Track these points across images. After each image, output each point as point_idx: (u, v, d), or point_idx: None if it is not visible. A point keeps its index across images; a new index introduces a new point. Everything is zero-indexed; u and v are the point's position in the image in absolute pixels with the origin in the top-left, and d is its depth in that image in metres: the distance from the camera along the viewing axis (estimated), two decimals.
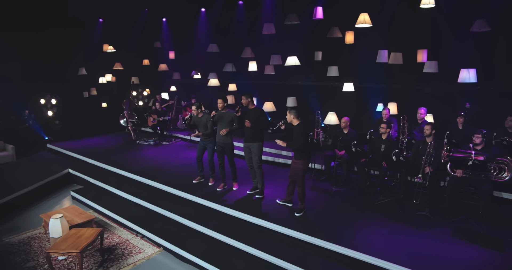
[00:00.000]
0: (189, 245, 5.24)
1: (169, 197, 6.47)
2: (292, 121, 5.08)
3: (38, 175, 7.86)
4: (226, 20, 9.84)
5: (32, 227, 6.19)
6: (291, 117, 5.09)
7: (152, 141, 9.89)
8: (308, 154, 5.18)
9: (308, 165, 5.28)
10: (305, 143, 5.00)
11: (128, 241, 5.75)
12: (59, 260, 5.10)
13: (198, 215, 5.78)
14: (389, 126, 6.10)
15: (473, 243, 4.42)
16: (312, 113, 8.71)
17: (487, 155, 4.98)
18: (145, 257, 5.29)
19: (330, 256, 4.48)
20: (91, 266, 4.99)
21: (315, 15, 7.62)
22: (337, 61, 8.04)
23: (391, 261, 4.05)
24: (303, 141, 4.96)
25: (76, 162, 8.73)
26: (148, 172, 7.30)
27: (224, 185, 6.30)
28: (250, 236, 5.08)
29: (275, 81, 9.77)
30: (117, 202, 6.83)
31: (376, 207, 5.48)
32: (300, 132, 4.99)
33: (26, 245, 5.60)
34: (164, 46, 11.24)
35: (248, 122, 5.65)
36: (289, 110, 5.12)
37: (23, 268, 4.99)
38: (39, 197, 7.39)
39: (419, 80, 7.41)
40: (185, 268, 5.05)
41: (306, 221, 5.11)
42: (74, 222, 5.48)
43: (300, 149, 5.02)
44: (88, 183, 7.73)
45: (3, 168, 8.74)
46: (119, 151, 9.21)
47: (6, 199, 6.83)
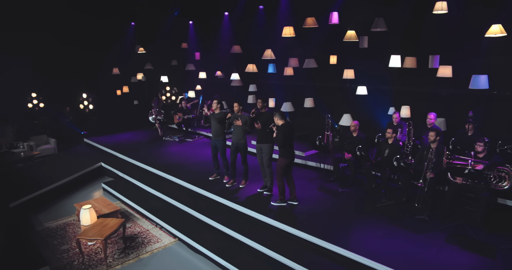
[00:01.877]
0: (201, 237, 5.77)
1: (186, 192, 7.04)
2: (277, 122, 5.68)
3: (75, 167, 8.77)
4: (247, 23, 10.22)
5: (67, 214, 7.03)
6: (276, 119, 5.69)
7: (177, 137, 10.56)
8: (290, 153, 5.75)
9: (288, 163, 5.78)
10: (284, 139, 5.61)
11: (148, 231, 6.40)
12: (89, 245, 5.82)
13: (211, 210, 6.29)
14: (395, 131, 6.24)
15: (465, 249, 4.56)
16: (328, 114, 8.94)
17: (487, 163, 5.05)
18: (161, 246, 5.90)
19: (326, 254, 4.81)
20: (114, 252, 5.67)
21: (330, 20, 7.80)
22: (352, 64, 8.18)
23: (381, 262, 4.31)
24: (282, 137, 5.62)
25: (108, 156, 9.58)
26: (170, 167, 7.92)
27: (233, 181, 6.76)
28: (255, 231, 5.51)
29: (294, 81, 10.03)
30: (141, 194, 7.52)
31: (377, 209, 5.70)
32: (280, 132, 5.64)
33: (62, 230, 6.41)
34: (190, 47, 11.82)
35: (259, 124, 6.06)
36: (274, 113, 5.76)
37: (59, 250, 5.77)
38: (74, 187, 8.28)
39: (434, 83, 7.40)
40: (196, 258, 5.60)
41: (307, 220, 5.44)
42: (101, 212, 6.19)
43: (280, 144, 5.65)
44: (117, 176, 8.52)
45: (46, 159, 9.78)
46: (146, 146, 9.95)
47: (47, 188, 7.76)
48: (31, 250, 5.26)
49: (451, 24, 6.79)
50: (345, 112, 7.82)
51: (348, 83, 8.80)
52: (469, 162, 4.87)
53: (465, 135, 6.29)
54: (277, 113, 5.77)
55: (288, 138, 5.69)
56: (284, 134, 5.62)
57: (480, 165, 5.08)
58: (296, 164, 8.02)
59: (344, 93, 8.99)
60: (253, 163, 7.09)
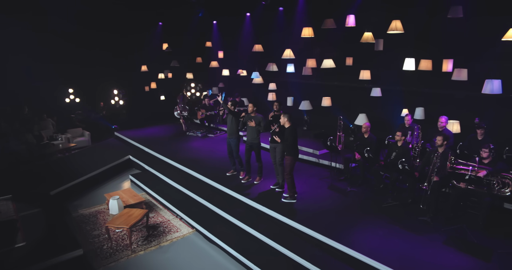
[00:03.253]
0: (216, 229, 6.29)
1: (205, 186, 7.57)
2: (285, 123, 5.96)
3: (106, 159, 9.56)
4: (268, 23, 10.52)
5: (99, 203, 7.79)
6: (284, 120, 5.96)
7: (199, 133, 11.13)
8: (296, 152, 6.10)
9: (296, 161, 6.13)
10: (293, 143, 5.96)
11: (169, 221, 7.01)
12: (116, 232, 6.50)
13: (227, 204, 6.78)
14: (405, 134, 6.41)
15: (461, 251, 4.76)
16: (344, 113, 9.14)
17: (490, 169, 5.17)
18: (180, 235, 6.48)
19: (327, 249, 5.17)
20: (138, 239, 6.32)
21: (347, 23, 7.96)
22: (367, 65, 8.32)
23: (377, 259, 4.62)
24: (291, 142, 5.95)
25: (136, 149, 10.31)
26: (192, 162, 8.47)
27: (248, 177, 7.20)
28: (265, 225, 5.94)
29: (312, 80, 10.27)
30: (164, 187, 8.15)
31: (382, 209, 5.95)
32: (290, 134, 5.95)
33: (93, 217, 7.16)
34: (214, 45, 12.28)
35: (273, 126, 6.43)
36: (283, 114, 6.01)
37: (91, 235, 6.50)
38: (105, 178, 9.07)
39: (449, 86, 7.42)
40: (211, 248, 6.13)
41: (314, 216, 5.78)
42: (128, 202, 6.85)
43: (290, 145, 6.01)
44: (144, 169, 9.21)
45: (81, 151, 10.67)
46: (170, 141, 10.59)
47: (82, 179, 8.58)
48: (67, 234, 5.98)
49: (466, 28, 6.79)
50: (360, 112, 8.02)
51: (366, 84, 8.94)
52: (470, 168, 5.00)
53: (475, 139, 6.36)
54: (287, 115, 6.06)
55: (296, 138, 6.06)
56: (293, 136, 5.96)
57: (484, 171, 5.21)
58: (309, 162, 8.40)
59: (361, 93, 9.13)
60: (268, 160, 7.48)
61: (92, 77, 11.95)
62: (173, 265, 5.63)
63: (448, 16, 6.75)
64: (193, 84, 14.30)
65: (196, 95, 14.05)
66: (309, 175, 7.57)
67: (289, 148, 6.08)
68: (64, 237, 5.78)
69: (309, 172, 7.74)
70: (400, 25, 7.48)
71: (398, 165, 5.67)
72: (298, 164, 8.19)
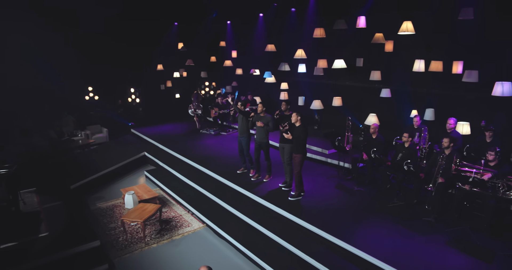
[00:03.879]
0: (225, 225, 6.55)
1: (216, 183, 7.83)
2: (297, 122, 6.16)
3: (122, 155, 9.96)
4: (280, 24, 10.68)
5: (115, 197, 8.17)
6: (297, 118, 6.14)
7: (213, 131, 11.40)
8: (305, 150, 6.36)
9: (304, 159, 6.37)
10: (304, 142, 6.25)
11: (181, 216, 7.31)
12: (131, 225, 6.85)
13: (236, 200, 7.02)
14: (413, 135, 6.48)
15: (462, 252, 4.85)
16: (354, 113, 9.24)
17: (495, 172, 5.21)
18: (191, 230, 6.77)
19: (331, 247, 5.34)
20: (152, 232, 6.65)
21: (358, 24, 8.04)
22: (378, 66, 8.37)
23: (377, 257, 4.76)
24: (302, 141, 6.20)
25: (151, 146, 10.68)
26: (204, 159, 8.75)
27: (258, 175, 7.42)
28: (271, 221, 6.16)
29: (324, 80, 10.37)
30: (177, 183, 8.46)
31: (388, 209, 6.06)
32: (300, 133, 6.17)
33: (110, 211, 7.53)
34: (228, 45, 12.52)
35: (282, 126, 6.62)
36: (297, 113, 6.19)
37: (108, 227, 6.87)
38: (122, 174, 9.47)
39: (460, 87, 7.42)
40: (220, 242, 6.40)
41: (319, 214, 5.94)
42: (142, 197, 7.19)
43: (300, 144, 6.23)
44: (158, 165, 9.56)
45: (99, 147, 11.13)
46: (184, 138, 10.91)
47: (100, 174, 8.99)
48: (86, 226, 6.35)
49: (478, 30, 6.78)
50: (371, 112, 8.10)
51: (377, 84, 9.00)
52: (474, 170, 5.07)
53: (484, 141, 6.37)
54: (299, 114, 6.25)
55: (307, 137, 6.28)
56: (304, 134, 6.19)
57: (488, 174, 5.26)
58: (318, 161, 8.54)
59: (371, 93, 9.19)
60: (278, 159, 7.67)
61: (111, 76, 12.38)
62: (184, 258, 5.92)
63: (459, 18, 6.76)
64: (207, 82, 14.57)
65: (210, 94, 14.33)
66: (318, 174, 7.72)
67: (299, 146, 6.26)
68: (83, 228, 6.15)
69: (317, 171, 7.89)
70: (411, 26, 7.51)
71: (404, 166, 5.77)
72: (308, 163, 8.40)
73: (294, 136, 6.24)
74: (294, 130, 6.27)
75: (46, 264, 5.27)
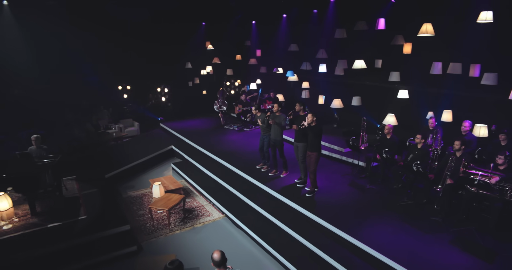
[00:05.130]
0: (243, 216, 7.06)
1: (236, 177, 8.34)
2: (313, 122, 6.49)
3: (151, 148, 10.71)
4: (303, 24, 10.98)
5: (144, 187, 8.91)
6: (313, 119, 6.44)
7: (236, 127, 11.93)
8: (320, 148, 6.69)
9: (319, 156, 6.70)
10: (319, 140, 6.64)
11: (203, 206, 7.91)
12: (158, 213, 7.52)
13: (254, 194, 7.50)
14: (425, 137, 6.65)
15: (465, 251, 5.05)
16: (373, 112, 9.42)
17: (503, 175, 5.34)
18: (212, 219, 7.35)
19: (339, 240, 5.70)
20: (176, 220, 7.28)
21: (377, 26, 8.21)
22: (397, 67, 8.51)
23: (381, 252, 5.07)
24: (317, 141, 6.60)
25: (177, 140, 11.37)
26: (226, 154, 9.28)
27: (275, 171, 7.85)
28: (285, 214, 6.59)
29: (344, 80, 10.57)
30: (200, 175, 9.07)
31: (397, 207, 6.31)
32: (316, 134, 6.51)
33: (139, 199, 8.26)
34: (252, 44, 12.95)
35: (295, 126, 7.00)
36: (312, 114, 6.50)
37: (137, 214, 7.58)
38: (150, 165, 10.23)
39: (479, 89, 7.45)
40: (237, 232, 6.93)
41: (330, 210, 6.29)
42: (168, 188, 7.84)
43: (317, 143, 6.62)
44: (184, 158, 10.22)
45: (131, 140, 11.97)
46: (209, 133, 11.50)
47: (131, 165, 9.78)
48: (118, 211, 7.08)
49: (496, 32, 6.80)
50: (389, 112, 8.27)
51: (396, 84, 9.12)
52: (479, 173, 5.24)
53: (498, 145, 6.45)
54: (314, 114, 6.54)
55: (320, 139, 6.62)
56: (320, 134, 6.56)
57: (496, 177, 5.40)
58: (335, 159, 8.84)
59: (390, 94, 9.31)
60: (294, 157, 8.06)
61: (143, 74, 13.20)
62: (204, 244, 6.50)
63: (477, 21, 6.80)
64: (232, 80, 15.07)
65: (235, 91, 14.87)
66: (333, 171, 8.04)
67: (314, 145, 6.62)
68: (115, 214, 6.88)
69: (333, 168, 8.21)
70: (431, 28, 7.62)
71: (413, 167, 5.99)
72: (325, 160, 8.76)
73: (310, 135, 6.56)
74: (310, 130, 6.60)
75: (84, 243, 6.02)
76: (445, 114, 7.70)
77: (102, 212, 6.84)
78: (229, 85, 14.80)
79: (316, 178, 6.85)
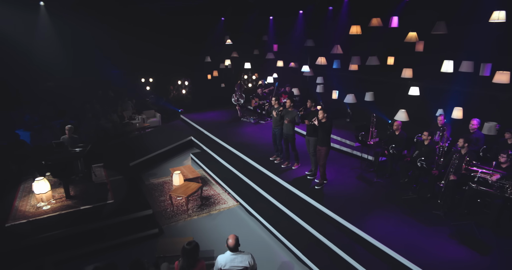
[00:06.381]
0: (256, 205, 7.56)
1: (250, 167, 8.81)
2: (323, 118, 6.82)
3: (172, 138, 11.33)
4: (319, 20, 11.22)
5: (165, 175, 9.55)
6: (324, 115, 6.77)
7: (252, 119, 12.37)
8: (329, 143, 7.01)
9: (329, 151, 7.05)
10: (329, 136, 6.98)
11: (219, 194, 8.46)
12: (177, 199, 8.12)
13: (266, 184, 7.96)
14: (432, 134, 6.90)
15: (462, 244, 5.35)
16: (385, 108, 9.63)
17: (504, 173, 5.57)
18: (227, 207, 7.89)
19: (344, 230, 6.11)
20: (193, 206, 7.87)
21: (390, 24, 8.38)
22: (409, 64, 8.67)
23: (381, 241, 5.45)
24: (327, 136, 6.95)
25: (197, 131, 11.94)
26: (242, 146, 9.75)
27: (287, 163, 8.27)
28: (295, 204, 7.04)
29: (358, 75, 10.77)
30: (217, 165, 9.61)
31: (401, 201, 6.63)
32: (326, 129, 6.84)
33: (161, 186, 8.90)
34: (269, 39, 13.26)
35: (307, 121, 7.38)
36: (323, 110, 6.83)
37: (158, 200, 8.22)
38: (171, 155, 10.87)
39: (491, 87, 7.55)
40: (250, 219, 7.44)
41: (337, 201, 6.67)
42: (187, 176, 8.42)
43: (327, 138, 6.97)
44: (202, 149, 10.79)
45: (153, 130, 12.64)
46: (226, 125, 12.00)
47: (153, 154, 10.45)
48: (141, 197, 7.72)
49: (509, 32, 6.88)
50: (401, 108, 8.48)
51: (409, 81, 9.28)
52: (479, 170, 5.49)
53: (505, 143, 6.61)
54: (325, 111, 6.92)
55: (330, 134, 6.99)
56: (329, 130, 6.92)
57: (497, 175, 5.63)
58: (345, 153, 9.18)
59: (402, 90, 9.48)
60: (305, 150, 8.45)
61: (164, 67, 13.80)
62: (219, 230, 7.05)
63: (489, 20, 6.89)
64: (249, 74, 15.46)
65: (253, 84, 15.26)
66: (343, 164, 8.39)
67: (324, 140, 6.99)
68: (139, 199, 7.52)
69: (343, 162, 8.55)
70: (444, 26, 7.74)
71: (417, 163, 6.28)
72: (336, 154, 9.11)
73: (320, 131, 6.93)
74: (320, 126, 6.96)
75: (112, 224, 6.70)
76: (456, 111, 7.85)
77: (127, 197, 7.50)
78: (247, 79, 15.19)
79: (325, 171, 7.24)
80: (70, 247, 6.18)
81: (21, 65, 11.10)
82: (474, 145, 6.84)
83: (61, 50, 11.57)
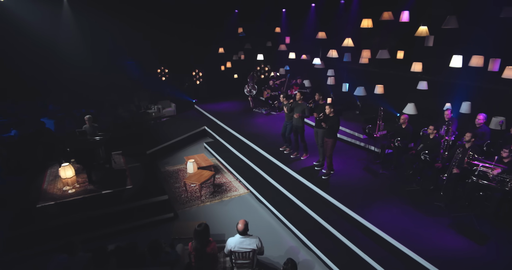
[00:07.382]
0: (265, 192, 7.95)
1: (261, 157, 9.18)
2: (330, 113, 7.11)
3: (187, 128, 11.78)
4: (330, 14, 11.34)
5: (179, 163, 10.03)
6: (331, 110, 7.05)
7: (264, 110, 12.68)
8: (336, 135, 7.30)
9: (335, 142, 7.34)
10: (335, 130, 7.23)
11: (231, 182, 8.89)
12: (191, 186, 8.59)
13: (275, 173, 8.33)
14: (437, 128, 7.09)
15: (460, 234, 5.60)
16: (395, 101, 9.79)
17: (505, 168, 5.77)
18: (238, 194, 8.31)
19: (345, 217, 6.43)
20: (206, 193, 8.33)
21: (401, 18, 8.48)
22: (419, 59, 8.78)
23: (381, 228, 5.75)
24: (334, 129, 7.20)
25: (210, 121, 12.34)
26: (253, 136, 10.11)
27: (296, 153, 8.61)
28: (301, 192, 7.40)
29: (369, 68, 10.90)
30: (229, 154, 10.02)
31: (405, 192, 6.89)
32: (334, 123, 7.11)
33: (176, 174, 9.38)
34: (282, 31, 13.42)
35: (316, 114, 7.66)
36: (330, 105, 7.10)
37: (174, 186, 8.70)
38: (185, 143, 11.34)
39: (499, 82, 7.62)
40: (259, 206, 7.85)
41: (342, 191, 6.99)
42: (200, 165, 8.86)
43: (334, 131, 7.26)
44: (215, 138, 11.20)
45: (169, 120, 13.12)
46: (239, 116, 12.35)
47: (168, 143, 10.93)
48: (158, 183, 8.21)
49: None
50: (410, 101, 8.64)
51: (419, 74, 9.39)
52: (480, 164, 5.70)
53: (510, 138, 6.75)
54: (332, 106, 7.20)
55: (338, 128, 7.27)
56: (337, 124, 7.20)
57: (498, 169, 5.83)
58: (353, 144, 9.43)
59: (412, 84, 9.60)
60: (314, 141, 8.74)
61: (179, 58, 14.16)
62: (230, 215, 7.49)
63: (500, 16, 6.95)
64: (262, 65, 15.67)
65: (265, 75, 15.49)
66: (350, 156, 8.67)
67: (331, 133, 7.28)
68: (155, 185, 8.01)
69: (350, 153, 8.82)
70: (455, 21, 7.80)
71: (421, 156, 6.52)
72: (343, 145, 9.40)
73: (328, 125, 7.21)
74: (328, 119, 7.23)
75: (130, 209, 7.21)
76: (464, 105, 7.98)
77: (145, 183, 8.00)
78: (259, 70, 15.43)
79: (332, 162, 7.55)
80: (94, 228, 6.72)
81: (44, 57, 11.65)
82: (480, 139, 7.01)
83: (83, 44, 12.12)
